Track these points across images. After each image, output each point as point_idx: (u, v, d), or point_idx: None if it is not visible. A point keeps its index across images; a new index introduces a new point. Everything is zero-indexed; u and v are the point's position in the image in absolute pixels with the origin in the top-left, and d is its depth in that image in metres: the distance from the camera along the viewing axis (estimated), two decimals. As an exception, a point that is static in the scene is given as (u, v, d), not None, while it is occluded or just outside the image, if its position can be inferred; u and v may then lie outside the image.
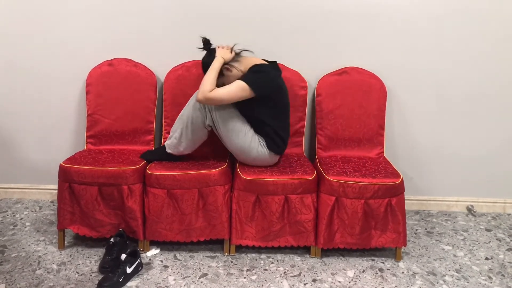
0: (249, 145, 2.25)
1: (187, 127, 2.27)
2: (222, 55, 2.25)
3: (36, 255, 2.27)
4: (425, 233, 2.60)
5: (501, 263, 2.30)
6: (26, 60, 2.69)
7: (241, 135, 2.24)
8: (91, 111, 2.59)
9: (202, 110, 2.23)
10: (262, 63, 2.31)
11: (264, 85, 2.20)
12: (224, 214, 2.25)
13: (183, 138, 2.30)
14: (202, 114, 2.23)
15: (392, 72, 2.65)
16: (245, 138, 2.24)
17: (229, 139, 2.26)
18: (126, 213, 2.24)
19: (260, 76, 2.22)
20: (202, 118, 2.24)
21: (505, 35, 2.62)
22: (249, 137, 2.25)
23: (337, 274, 2.17)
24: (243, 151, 2.27)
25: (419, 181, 2.86)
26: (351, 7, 2.58)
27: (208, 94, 2.14)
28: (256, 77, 2.21)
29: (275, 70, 2.31)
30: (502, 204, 2.91)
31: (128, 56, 2.65)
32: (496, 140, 2.79)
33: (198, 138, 2.31)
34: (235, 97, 2.17)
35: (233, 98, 2.17)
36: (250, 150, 2.26)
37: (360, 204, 2.19)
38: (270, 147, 2.27)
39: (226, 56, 2.27)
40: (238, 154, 2.32)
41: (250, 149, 2.25)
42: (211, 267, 2.20)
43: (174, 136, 2.32)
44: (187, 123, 2.27)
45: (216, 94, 2.15)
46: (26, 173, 2.90)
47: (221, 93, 2.15)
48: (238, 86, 2.16)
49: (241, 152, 2.28)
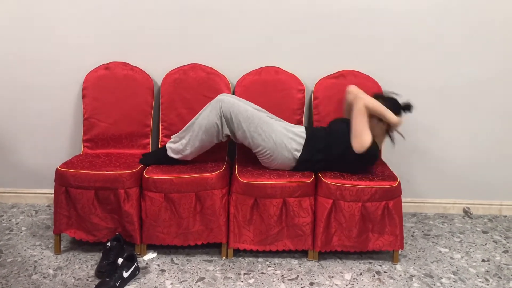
0: (286, 144, 2.26)
1: (197, 136, 2.26)
2: (396, 123, 2.25)
3: (32, 260, 2.26)
4: (422, 236, 2.61)
5: (498, 265, 2.31)
6: (22, 65, 2.68)
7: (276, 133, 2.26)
8: (87, 115, 2.58)
9: (219, 123, 2.23)
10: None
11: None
12: (222, 218, 2.24)
13: (189, 146, 2.29)
14: (218, 126, 2.23)
15: (389, 75, 2.66)
16: (282, 137, 2.26)
17: (269, 138, 2.25)
18: (123, 217, 2.23)
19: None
20: (218, 130, 2.24)
21: (504, 38, 2.64)
22: (287, 137, 2.27)
23: (335, 277, 2.17)
24: (276, 146, 2.25)
25: (416, 183, 2.87)
26: (348, 11, 2.59)
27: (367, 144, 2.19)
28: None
29: None
30: (498, 206, 2.92)
31: (125, 60, 2.64)
32: (492, 143, 2.80)
33: (204, 147, 2.32)
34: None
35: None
36: (282, 149, 2.26)
37: (357, 207, 2.19)
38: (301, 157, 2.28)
39: (397, 124, 2.27)
40: (269, 150, 2.28)
41: (282, 149, 2.26)
42: (208, 271, 2.19)
43: (180, 142, 2.32)
44: (198, 132, 2.26)
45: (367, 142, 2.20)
46: (22, 177, 2.88)
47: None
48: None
49: (279, 146, 2.26)
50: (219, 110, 2.22)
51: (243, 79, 2.62)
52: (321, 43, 2.65)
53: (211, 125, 2.23)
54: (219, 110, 2.22)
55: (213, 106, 2.24)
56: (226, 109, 2.21)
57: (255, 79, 2.63)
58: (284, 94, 2.60)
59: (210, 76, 2.61)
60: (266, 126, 2.25)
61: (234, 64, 2.64)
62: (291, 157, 2.27)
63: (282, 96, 2.60)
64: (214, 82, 2.60)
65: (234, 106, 2.22)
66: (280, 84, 2.61)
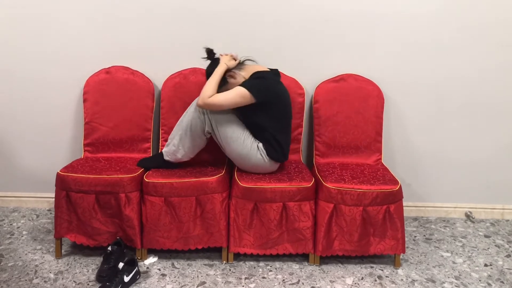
0: (248, 151, 2.24)
1: (186, 134, 2.27)
2: (225, 62, 2.28)
3: (33, 264, 2.26)
4: (423, 240, 2.59)
5: (500, 270, 2.30)
6: (22, 68, 2.69)
7: (240, 141, 2.24)
8: (88, 119, 2.58)
9: (202, 116, 2.23)
10: (264, 70, 2.31)
11: (264, 90, 2.21)
12: (222, 222, 2.24)
13: (182, 145, 2.29)
14: (201, 120, 2.24)
15: (390, 79, 2.66)
16: (244, 145, 2.24)
17: (228, 145, 2.25)
18: (124, 221, 2.23)
19: (259, 82, 2.23)
20: (202, 124, 2.24)
21: (503, 41, 2.63)
22: (248, 143, 2.25)
23: (336, 281, 2.16)
24: (242, 157, 2.27)
25: (418, 187, 2.86)
26: (348, 14, 2.59)
27: (208, 99, 2.15)
28: (256, 82, 2.22)
29: (275, 76, 2.31)
30: (501, 210, 2.90)
31: (125, 64, 2.65)
32: (494, 146, 2.79)
33: (197, 145, 2.31)
34: (234, 102, 2.17)
35: (233, 103, 2.18)
36: (249, 156, 2.25)
37: (358, 211, 2.18)
38: (270, 154, 2.27)
39: (230, 63, 2.29)
40: (237, 161, 2.31)
41: (250, 155, 2.25)
42: (209, 275, 2.19)
43: (172, 143, 2.32)
44: (186, 130, 2.27)
45: (216, 100, 2.15)
46: (23, 181, 2.89)
47: (221, 99, 2.16)
48: (238, 91, 2.17)
49: (240, 158, 2.28)
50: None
51: (243, 83, 2.62)
52: (321, 47, 2.65)
53: (196, 120, 2.24)
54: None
55: (196, 101, 2.26)
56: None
57: (255, 83, 2.62)
58: (285, 98, 2.60)
59: (210, 80, 2.62)
60: (236, 129, 2.25)
61: (235, 68, 2.64)
62: (260, 157, 2.26)
63: (282, 100, 2.59)
64: (215, 86, 2.60)
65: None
66: (280, 88, 2.61)
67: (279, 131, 2.29)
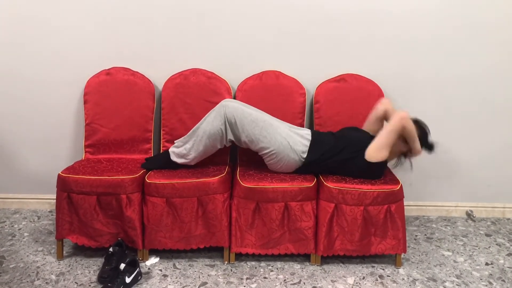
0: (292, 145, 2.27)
1: (201, 141, 2.27)
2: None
3: (34, 265, 2.26)
4: (424, 239, 2.60)
5: (502, 268, 2.30)
6: (23, 70, 2.69)
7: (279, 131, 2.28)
8: (89, 120, 2.58)
9: (223, 128, 2.24)
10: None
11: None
12: (224, 222, 2.24)
13: (193, 150, 2.30)
14: (222, 132, 2.25)
15: (390, 79, 2.66)
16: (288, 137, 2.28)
17: (274, 140, 2.25)
18: (125, 223, 2.23)
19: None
20: (222, 136, 2.25)
21: (505, 39, 2.63)
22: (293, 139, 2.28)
23: (337, 281, 2.16)
24: (286, 148, 2.26)
25: (418, 186, 2.86)
26: (349, 14, 2.60)
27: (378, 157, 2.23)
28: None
29: None
30: (501, 209, 2.91)
31: (126, 65, 2.65)
32: (494, 145, 2.79)
33: (208, 152, 2.33)
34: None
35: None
36: (291, 151, 2.26)
37: (359, 211, 2.19)
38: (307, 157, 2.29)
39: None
40: (278, 152, 2.28)
41: (292, 150, 2.26)
42: (210, 276, 2.19)
43: (184, 147, 2.33)
44: (202, 137, 2.27)
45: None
46: (24, 183, 2.89)
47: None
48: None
49: (285, 148, 2.26)
50: (223, 115, 2.23)
51: (244, 84, 2.63)
52: (322, 47, 2.65)
53: (215, 130, 2.24)
54: (223, 116, 2.23)
55: (217, 112, 2.25)
56: (230, 114, 2.23)
57: (256, 83, 2.63)
58: (285, 98, 2.60)
59: (211, 80, 2.62)
60: (271, 129, 2.26)
61: (235, 68, 2.64)
62: (297, 159, 2.27)
63: (283, 100, 2.60)
64: (215, 86, 2.60)
65: (237, 110, 2.24)
66: (281, 88, 2.61)
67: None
